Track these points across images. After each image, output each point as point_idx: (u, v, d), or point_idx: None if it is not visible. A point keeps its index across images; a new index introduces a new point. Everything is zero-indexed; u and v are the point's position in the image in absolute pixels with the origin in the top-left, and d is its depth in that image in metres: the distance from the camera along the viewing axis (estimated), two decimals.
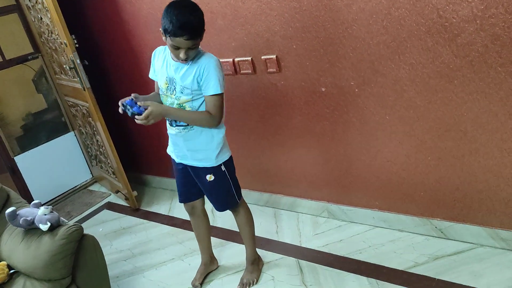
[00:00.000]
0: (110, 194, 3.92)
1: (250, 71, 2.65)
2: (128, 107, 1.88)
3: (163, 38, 1.83)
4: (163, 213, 3.38)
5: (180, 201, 2.34)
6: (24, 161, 3.75)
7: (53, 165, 3.94)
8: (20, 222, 2.02)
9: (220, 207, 2.28)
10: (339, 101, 2.41)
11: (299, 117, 2.61)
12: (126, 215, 3.49)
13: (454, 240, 2.34)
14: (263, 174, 3.06)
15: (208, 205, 2.37)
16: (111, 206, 3.72)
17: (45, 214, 2.01)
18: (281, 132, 2.75)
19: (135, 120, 1.89)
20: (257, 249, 2.51)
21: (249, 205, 3.18)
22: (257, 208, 3.15)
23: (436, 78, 2.05)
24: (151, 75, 2.13)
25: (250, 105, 2.79)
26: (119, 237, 3.16)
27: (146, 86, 3.00)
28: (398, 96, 2.20)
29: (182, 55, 1.80)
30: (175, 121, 2.01)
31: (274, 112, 2.71)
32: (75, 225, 2.03)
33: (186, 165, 2.15)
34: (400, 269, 2.23)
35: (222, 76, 1.92)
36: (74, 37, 2.98)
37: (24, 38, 3.69)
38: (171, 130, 2.08)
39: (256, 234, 2.78)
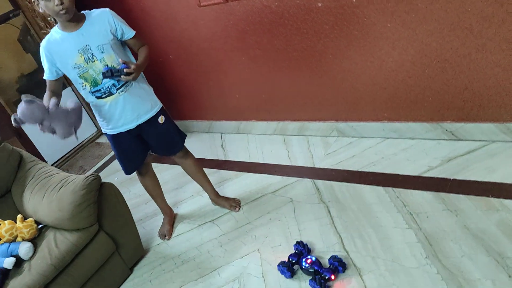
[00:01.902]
0: None
1: None
2: (108, 74, 1.86)
3: (40, 8, 1.79)
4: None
5: (134, 169, 2.32)
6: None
7: None
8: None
9: (176, 147, 2.31)
10: (337, 14, 2.32)
11: (298, 37, 2.53)
12: None
13: (465, 140, 2.36)
14: (268, 102, 3.03)
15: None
16: None
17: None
18: (281, 56, 2.69)
19: (121, 78, 1.88)
20: (272, 176, 2.55)
21: (256, 136, 3.25)
22: (266, 138, 3.16)
23: None
24: (47, 74, 1.96)
25: (246, 32, 2.71)
26: (135, 183, 3.20)
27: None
28: (398, 0, 2.11)
29: (56, 1, 1.72)
30: (116, 86, 1.94)
31: (271, 36, 2.63)
32: (92, 174, 2.06)
33: (130, 130, 2.10)
34: (415, 174, 2.27)
35: None
36: None
37: None
38: (108, 101, 1.98)
39: (268, 161, 2.85)
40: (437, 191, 2.10)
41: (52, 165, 3.24)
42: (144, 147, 2.24)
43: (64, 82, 3.82)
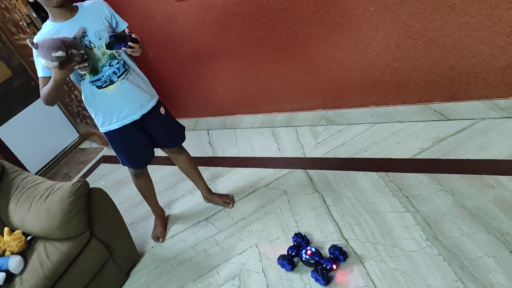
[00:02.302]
0: (103, 148, 3.85)
1: None
2: (109, 39, 1.72)
3: None
4: (161, 155, 3.34)
5: (140, 167, 2.24)
6: (6, 133, 3.61)
7: (36, 131, 3.82)
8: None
9: (180, 137, 2.27)
10: (318, 1, 2.29)
11: (280, 27, 2.49)
12: None
13: (455, 119, 2.36)
14: (253, 95, 2.99)
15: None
16: (107, 159, 3.66)
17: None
18: (264, 47, 2.64)
19: (126, 49, 1.76)
20: (263, 169, 2.51)
21: (244, 130, 3.20)
22: (254, 131, 3.12)
23: None
24: (43, 71, 1.76)
25: (226, 25, 2.65)
26: (123, 187, 3.14)
27: None
28: None
29: None
30: (116, 74, 1.86)
31: (252, 28, 2.58)
32: (79, 180, 1.99)
33: (135, 122, 2.00)
34: (407, 157, 2.26)
35: None
36: None
37: None
38: (110, 90, 1.88)
39: (258, 155, 2.81)
40: (431, 173, 2.09)
41: (35, 174, 3.15)
42: (149, 142, 2.15)
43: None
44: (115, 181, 3.28)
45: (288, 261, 1.89)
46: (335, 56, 2.47)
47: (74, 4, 1.81)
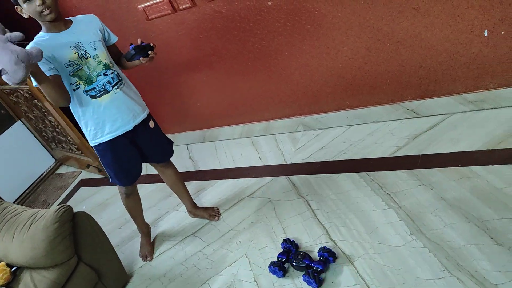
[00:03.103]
0: (81, 172, 3.80)
1: (189, 5, 2.51)
2: (133, 51, 1.77)
3: (24, 14, 1.72)
4: (142, 174, 3.32)
5: (133, 179, 2.19)
6: None
7: (10, 160, 3.74)
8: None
9: (169, 151, 2.29)
10: (288, 11, 2.35)
11: (252, 39, 2.54)
12: (104, 186, 3.42)
13: (427, 116, 2.44)
14: (231, 107, 3.02)
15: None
16: (86, 183, 3.61)
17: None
18: (238, 59, 2.68)
19: (144, 59, 1.83)
20: (246, 179, 2.53)
21: (224, 141, 3.22)
22: (233, 142, 3.15)
23: None
24: (50, 70, 1.71)
25: (199, 40, 2.68)
26: (105, 209, 3.10)
27: None
28: None
29: (38, 1, 1.64)
30: (111, 84, 1.87)
31: (226, 41, 2.62)
32: (62, 206, 1.97)
33: (127, 134, 1.99)
34: (385, 156, 2.33)
35: None
36: None
37: None
38: (104, 100, 1.86)
39: (240, 165, 2.83)
40: (410, 169, 2.16)
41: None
42: (139, 156, 2.14)
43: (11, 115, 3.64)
44: (96, 204, 3.24)
45: (279, 268, 1.91)
46: (308, 64, 2.53)
47: (66, 18, 1.83)
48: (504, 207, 1.74)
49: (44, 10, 1.67)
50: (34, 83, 1.65)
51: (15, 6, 1.72)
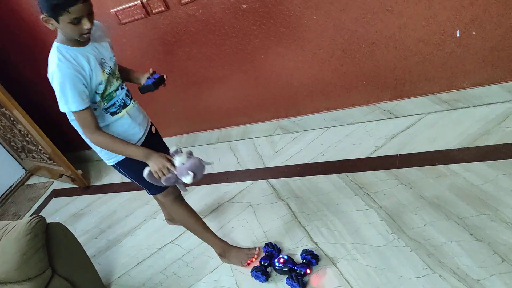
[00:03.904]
0: (53, 182, 3.68)
1: (163, 8, 2.46)
2: (152, 86, 1.75)
3: (51, 25, 1.48)
4: (117, 182, 3.25)
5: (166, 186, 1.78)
6: None
7: None
8: (163, 181, 1.60)
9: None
10: (263, 14, 2.34)
11: (228, 42, 2.52)
12: (78, 195, 3.32)
13: (403, 116, 2.48)
14: (206, 112, 2.98)
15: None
16: (59, 193, 3.50)
17: (183, 163, 1.58)
18: (214, 63, 2.65)
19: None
20: (225, 184, 2.49)
21: (201, 147, 3.18)
22: (211, 147, 3.11)
23: None
24: (83, 102, 1.53)
25: (173, 44, 2.64)
26: (80, 219, 3.01)
27: None
28: None
29: (87, 23, 1.47)
30: (128, 96, 1.77)
31: (200, 45, 2.59)
32: (35, 216, 1.88)
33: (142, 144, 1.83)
34: (363, 157, 2.34)
35: None
36: None
37: None
38: (124, 114, 1.73)
39: (218, 170, 2.80)
40: (388, 169, 2.17)
41: None
42: None
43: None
44: (70, 215, 3.13)
45: (262, 272, 1.88)
46: (285, 66, 2.53)
47: None
48: (482, 203, 1.77)
49: (88, 33, 1.52)
50: (79, 106, 1.53)
51: (41, 16, 1.47)
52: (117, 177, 3.28)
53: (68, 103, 1.52)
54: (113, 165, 1.83)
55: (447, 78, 2.27)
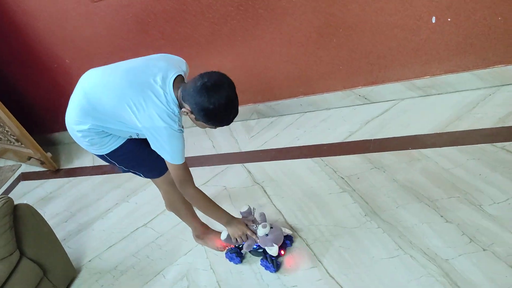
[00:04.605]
0: (21, 165, 3.57)
1: None
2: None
3: (187, 113, 1.53)
4: (88, 165, 3.17)
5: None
6: None
7: None
8: (245, 249, 1.80)
9: None
10: None
11: (204, 22, 2.47)
12: (47, 179, 3.23)
13: (377, 102, 2.50)
14: None
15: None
16: (26, 176, 3.39)
17: (267, 234, 1.74)
18: (189, 44, 2.60)
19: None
20: (199, 168, 2.46)
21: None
22: (185, 130, 3.06)
23: None
24: (183, 157, 1.64)
25: (147, 23, 2.57)
26: (49, 203, 2.93)
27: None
28: None
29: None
30: None
31: (176, 24, 2.53)
32: (2, 197, 1.82)
33: None
34: (338, 141, 2.35)
35: None
36: None
37: None
38: None
39: (193, 154, 2.76)
40: (362, 153, 2.20)
41: None
42: None
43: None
44: (38, 198, 3.05)
45: (236, 254, 1.87)
46: (261, 49, 2.51)
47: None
48: (452, 186, 1.81)
49: None
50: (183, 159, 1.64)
51: (183, 109, 1.53)
52: (89, 161, 3.21)
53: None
54: (101, 155, 1.73)
55: (422, 65, 2.30)
